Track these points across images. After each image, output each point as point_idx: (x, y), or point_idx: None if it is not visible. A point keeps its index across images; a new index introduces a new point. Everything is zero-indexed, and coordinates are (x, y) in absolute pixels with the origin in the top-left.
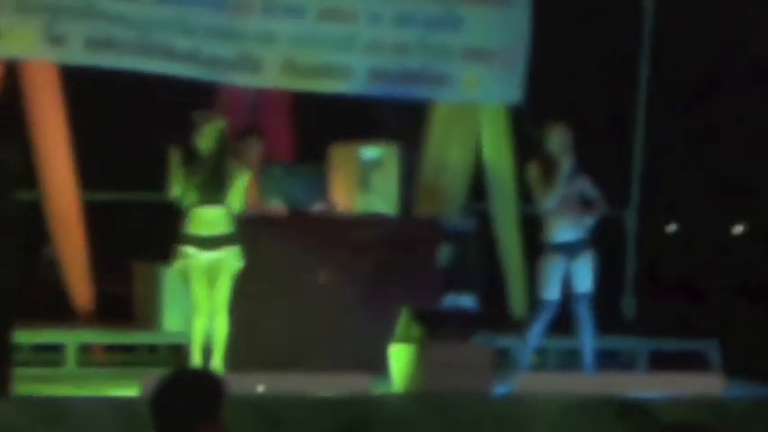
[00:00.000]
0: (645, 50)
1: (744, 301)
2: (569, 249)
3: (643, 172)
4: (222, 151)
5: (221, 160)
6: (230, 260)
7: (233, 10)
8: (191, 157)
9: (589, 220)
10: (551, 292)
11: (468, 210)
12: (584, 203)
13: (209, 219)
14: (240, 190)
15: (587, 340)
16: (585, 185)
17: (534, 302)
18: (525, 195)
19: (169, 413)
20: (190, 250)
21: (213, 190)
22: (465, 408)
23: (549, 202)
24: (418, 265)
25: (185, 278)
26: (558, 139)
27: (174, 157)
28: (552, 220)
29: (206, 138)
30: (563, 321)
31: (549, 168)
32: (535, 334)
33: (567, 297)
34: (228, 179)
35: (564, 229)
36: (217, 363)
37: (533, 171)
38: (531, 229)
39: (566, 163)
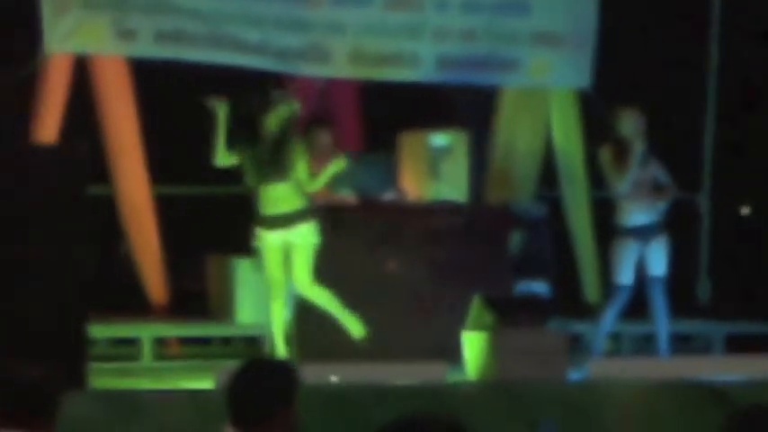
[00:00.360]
0: (715, 32)
1: None
2: (643, 233)
3: (715, 154)
4: (288, 132)
5: (286, 141)
6: (303, 237)
7: (301, 1)
8: (238, 121)
9: (662, 204)
10: (625, 276)
11: (538, 195)
12: (657, 188)
13: (276, 197)
14: (327, 175)
15: (662, 324)
16: (657, 170)
17: (608, 287)
18: (597, 179)
19: (245, 400)
20: (262, 231)
21: (276, 168)
22: (539, 394)
23: (621, 185)
24: (490, 252)
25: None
26: (630, 124)
27: (221, 118)
28: (625, 204)
29: (278, 117)
30: (637, 306)
31: (621, 152)
32: (609, 319)
33: (641, 281)
34: (291, 159)
35: (637, 213)
36: (353, 329)
37: (606, 155)
38: (604, 212)
39: (638, 147)
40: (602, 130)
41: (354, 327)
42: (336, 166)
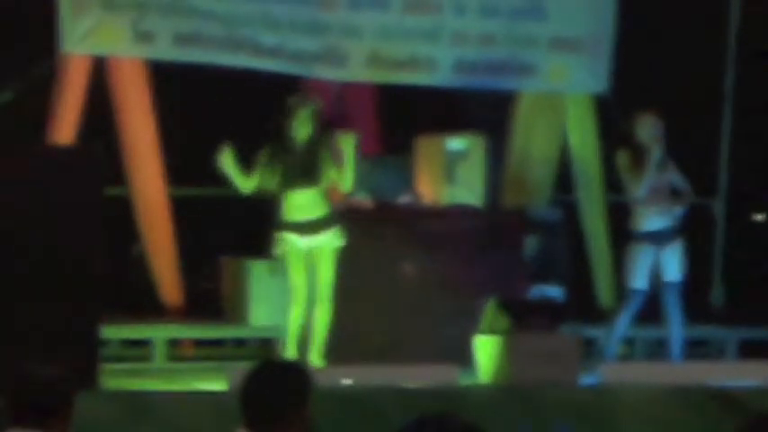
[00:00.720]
0: (732, 37)
1: None
2: (658, 238)
3: (730, 160)
4: (316, 135)
5: (315, 144)
6: (330, 243)
7: (319, 4)
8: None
9: (678, 210)
10: (639, 281)
11: (554, 200)
12: (674, 193)
13: (304, 203)
14: (350, 162)
15: (675, 329)
16: (675, 175)
17: (622, 292)
18: (613, 184)
19: (258, 402)
20: (287, 236)
21: (306, 174)
22: (552, 398)
23: (638, 190)
24: (505, 256)
25: (284, 264)
26: (648, 129)
27: (227, 162)
28: (641, 209)
29: (302, 122)
30: (651, 310)
31: (638, 157)
32: (623, 323)
33: (655, 286)
34: (321, 163)
35: (653, 218)
36: (314, 356)
37: (623, 159)
38: (619, 217)
39: (655, 152)
40: (618, 134)
41: (316, 354)
42: (348, 145)
